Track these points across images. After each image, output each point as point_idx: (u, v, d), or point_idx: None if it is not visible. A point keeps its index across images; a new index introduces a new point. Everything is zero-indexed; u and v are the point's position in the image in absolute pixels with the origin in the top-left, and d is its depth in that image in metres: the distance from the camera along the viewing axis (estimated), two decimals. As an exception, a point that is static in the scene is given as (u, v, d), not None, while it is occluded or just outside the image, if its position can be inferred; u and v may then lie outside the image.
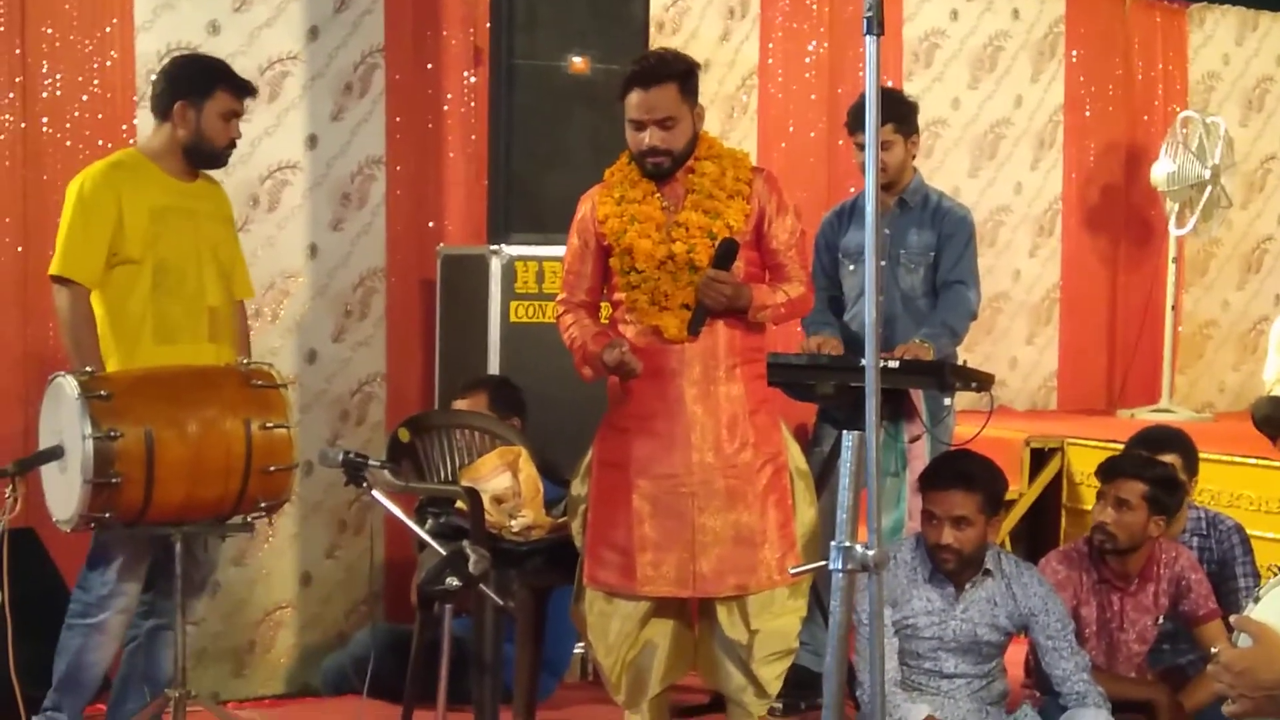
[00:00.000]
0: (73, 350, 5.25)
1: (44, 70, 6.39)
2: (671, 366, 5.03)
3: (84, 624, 5.24)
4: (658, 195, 5.06)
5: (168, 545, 5.22)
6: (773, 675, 5.17)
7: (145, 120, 6.58)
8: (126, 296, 5.27)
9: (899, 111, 6.37)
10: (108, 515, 4.74)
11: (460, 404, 6.33)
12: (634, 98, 5.02)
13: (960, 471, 5.28)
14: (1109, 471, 5.53)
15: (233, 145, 5.49)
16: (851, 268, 6.40)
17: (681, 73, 5.06)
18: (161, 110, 5.41)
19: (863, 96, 6.61)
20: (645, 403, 5.06)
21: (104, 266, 5.24)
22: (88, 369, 4.83)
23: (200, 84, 5.39)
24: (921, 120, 6.66)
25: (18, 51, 6.34)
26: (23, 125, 6.35)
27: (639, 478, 5.05)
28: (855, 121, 6.25)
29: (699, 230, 4.98)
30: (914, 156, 6.47)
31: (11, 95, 6.35)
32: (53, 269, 5.27)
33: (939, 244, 6.33)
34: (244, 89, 5.50)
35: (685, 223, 4.99)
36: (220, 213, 5.55)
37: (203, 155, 5.42)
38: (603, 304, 5.27)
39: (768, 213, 5.06)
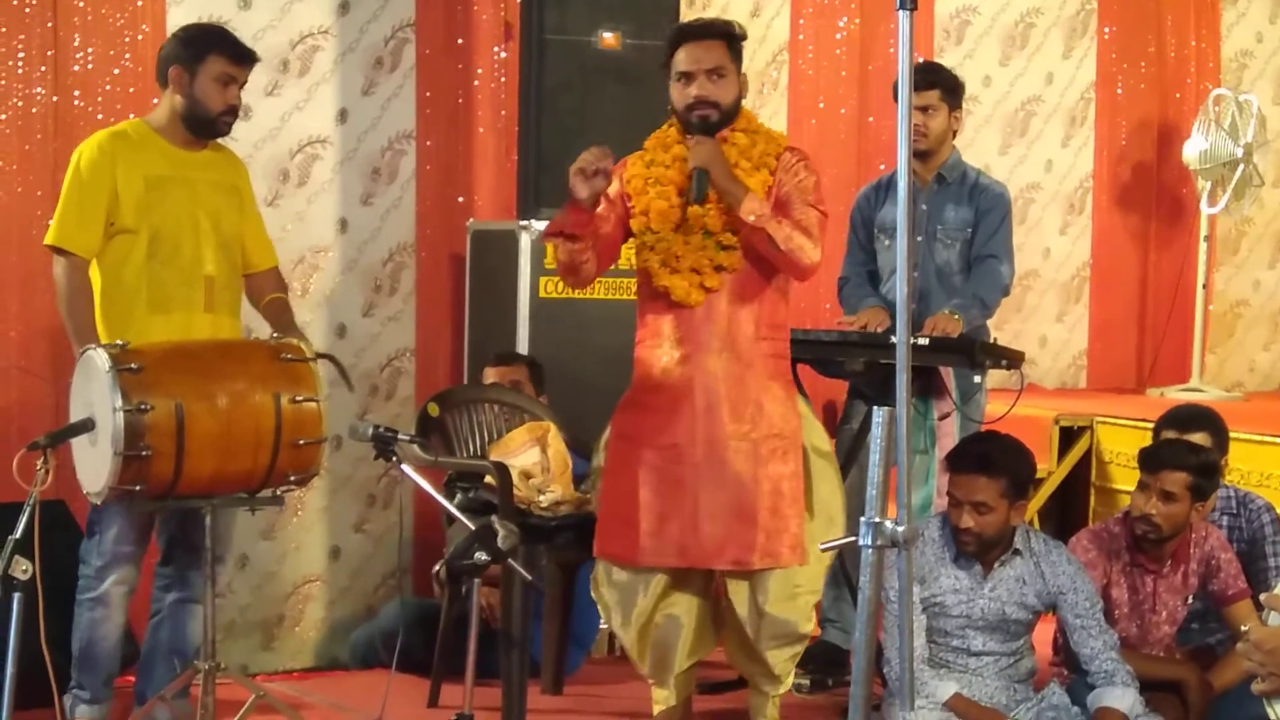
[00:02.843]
0: (67, 320, 5.25)
1: (76, 44, 6.40)
2: (683, 335, 5.05)
3: (88, 598, 5.28)
4: (685, 162, 5.05)
5: (183, 519, 5.26)
6: (781, 660, 5.18)
7: (175, 94, 6.62)
8: (122, 265, 5.25)
9: (947, 81, 6.36)
10: (138, 488, 4.75)
11: (491, 373, 6.33)
12: (682, 52, 5.05)
13: (983, 456, 5.26)
14: (1152, 462, 5.48)
15: (231, 112, 5.39)
16: (887, 243, 6.38)
17: (730, 33, 5.12)
18: (161, 77, 5.39)
19: (916, 64, 6.61)
20: (657, 374, 5.09)
21: (101, 236, 5.22)
22: (118, 342, 4.84)
23: (194, 48, 5.34)
24: (955, 98, 6.64)
25: (50, 25, 6.35)
26: (54, 99, 6.37)
27: (645, 449, 5.08)
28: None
29: (716, 196, 4.98)
30: (955, 133, 6.44)
31: (44, 69, 6.36)
32: (48, 239, 5.27)
33: (976, 220, 6.30)
34: (240, 54, 5.41)
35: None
36: (225, 182, 5.47)
37: (199, 121, 5.35)
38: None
39: (781, 179, 5.05)
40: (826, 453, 5.21)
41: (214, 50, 5.34)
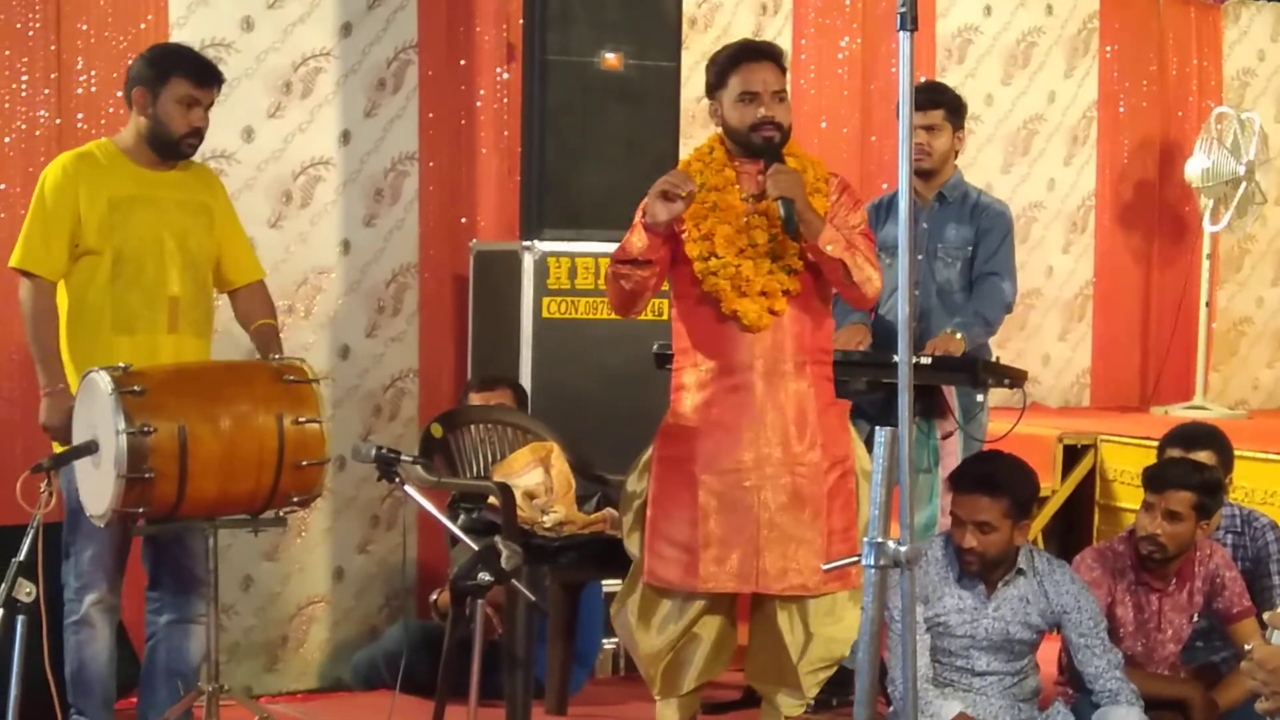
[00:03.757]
0: (31, 343, 5.25)
1: (79, 66, 6.41)
2: (740, 360, 4.98)
3: (71, 621, 5.25)
4: (737, 186, 5.05)
5: (168, 543, 5.28)
6: (814, 680, 5.15)
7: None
8: (86, 286, 5.23)
9: (951, 100, 6.37)
10: (141, 510, 4.75)
11: (476, 399, 6.32)
12: (745, 72, 5.02)
13: (985, 476, 5.25)
14: (1157, 482, 5.48)
15: (196, 134, 5.35)
16: (888, 261, 6.36)
17: (780, 56, 5.13)
18: (127, 98, 5.36)
19: (921, 83, 6.63)
20: (712, 397, 5.03)
21: (66, 259, 5.21)
22: (120, 365, 4.83)
23: (158, 70, 5.30)
24: (955, 117, 6.65)
25: (53, 48, 6.36)
26: (58, 121, 6.37)
27: (704, 473, 4.99)
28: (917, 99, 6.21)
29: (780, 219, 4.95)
30: (958, 153, 6.45)
31: (47, 91, 6.37)
32: (12, 261, 5.27)
33: (977, 238, 6.30)
34: (204, 76, 5.37)
35: (768, 211, 4.97)
36: (193, 200, 5.42)
37: (162, 143, 5.31)
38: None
39: (836, 210, 5.05)
40: (870, 474, 5.18)
41: (177, 72, 5.30)
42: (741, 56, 5.07)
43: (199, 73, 5.37)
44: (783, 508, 4.97)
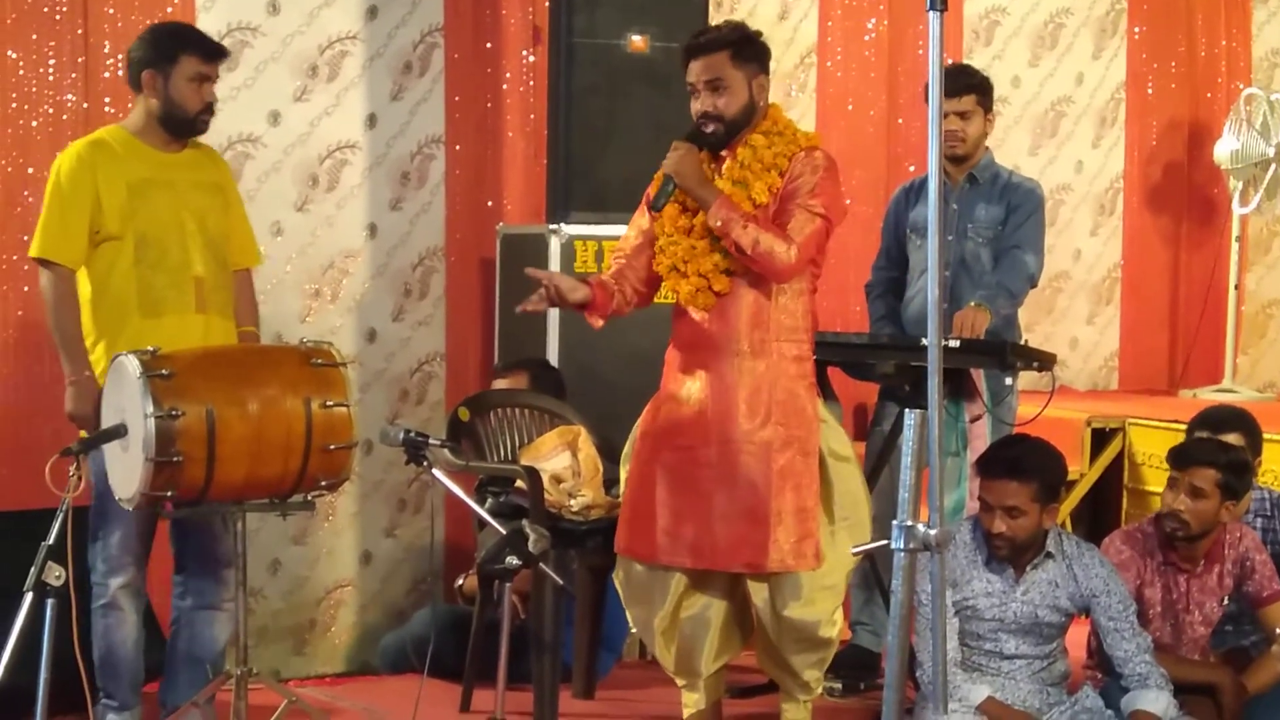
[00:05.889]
0: (55, 331, 5.24)
1: (106, 51, 6.42)
2: (694, 338, 5.07)
3: (99, 605, 5.24)
4: (711, 166, 5.07)
5: (195, 527, 5.29)
6: (805, 666, 5.17)
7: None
8: (109, 272, 5.22)
9: (983, 84, 6.35)
10: (170, 494, 4.76)
11: (500, 384, 6.33)
12: (690, 66, 5.07)
13: (1013, 461, 5.23)
14: (1182, 459, 5.47)
15: (209, 110, 5.35)
16: (919, 242, 6.36)
17: (733, 40, 5.08)
18: (134, 82, 5.34)
19: (952, 67, 6.61)
20: (675, 375, 5.14)
21: (87, 245, 5.20)
22: (148, 348, 4.83)
23: (165, 50, 5.29)
24: (983, 98, 6.62)
25: (80, 32, 6.37)
26: (85, 105, 6.39)
27: (663, 449, 5.11)
28: (949, 85, 6.20)
29: None
30: (987, 134, 6.43)
31: (74, 75, 6.39)
32: (33, 251, 5.25)
33: (1006, 216, 6.29)
34: (212, 52, 5.37)
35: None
36: (207, 180, 5.43)
37: (177, 123, 5.31)
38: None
39: (786, 184, 5.01)
40: (846, 457, 5.19)
41: (186, 50, 5.30)
42: (686, 52, 5.13)
43: (207, 49, 5.37)
44: (731, 485, 5.03)
